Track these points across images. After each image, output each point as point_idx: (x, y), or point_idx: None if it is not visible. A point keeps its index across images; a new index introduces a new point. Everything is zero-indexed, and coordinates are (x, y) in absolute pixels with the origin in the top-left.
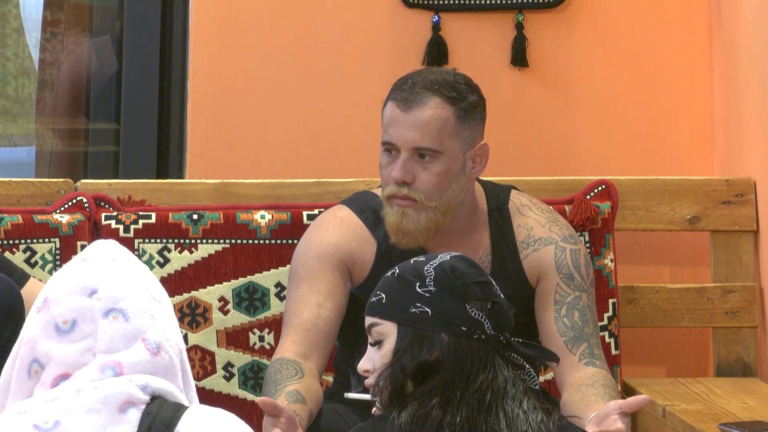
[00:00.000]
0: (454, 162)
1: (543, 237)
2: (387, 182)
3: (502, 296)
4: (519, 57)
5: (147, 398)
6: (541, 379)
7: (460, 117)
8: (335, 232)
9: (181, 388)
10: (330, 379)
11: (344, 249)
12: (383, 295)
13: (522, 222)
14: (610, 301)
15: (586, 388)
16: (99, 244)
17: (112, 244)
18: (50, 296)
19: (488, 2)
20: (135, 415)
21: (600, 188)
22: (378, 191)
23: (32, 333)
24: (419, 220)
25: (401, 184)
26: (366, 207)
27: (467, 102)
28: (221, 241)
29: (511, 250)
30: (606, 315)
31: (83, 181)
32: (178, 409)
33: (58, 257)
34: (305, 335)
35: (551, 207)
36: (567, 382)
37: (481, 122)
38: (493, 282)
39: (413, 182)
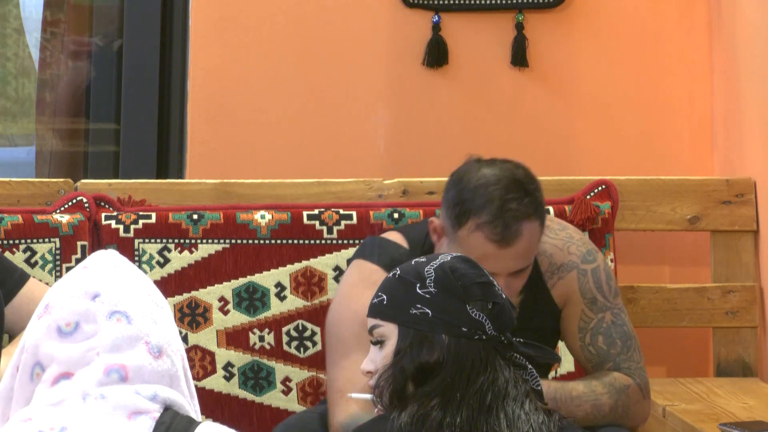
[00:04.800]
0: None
1: (565, 263)
2: None
3: (504, 296)
4: (519, 57)
5: (158, 407)
6: (551, 375)
7: (542, 222)
8: None
9: (185, 394)
10: None
11: None
12: (384, 297)
13: (540, 250)
14: None
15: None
16: (99, 253)
17: (112, 253)
18: (52, 302)
19: (488, 2)
20: (147, 423)
21: (600, 188)
22: (395, 237)
23: (34, 338)
24: None
25: None
26: (393, 262)
27: (542, 203)
28: (221, 241)
29: (537, 281)
30: None
31: (83, 181)
32: (191, 423)
33: (58, 257)
34: (366, 405)
35: (561, 220)
36: None
37: None
38: (495, 282)
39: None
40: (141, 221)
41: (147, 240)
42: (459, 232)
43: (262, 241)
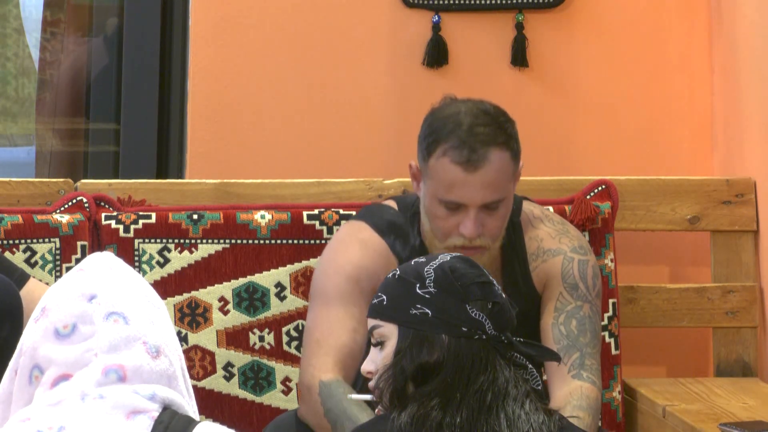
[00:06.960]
0: (510, 197)
1: (552, 248)
2: (448, 234)
3: (504, 296)
4: (519, 57)
5: (156, 406)
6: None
7: (514, 157)
8: (363, 254)
9: (183, 394)
10: None
11: (372, 273)
12: (384, 297)
13: (533, 234)
14: (610, 301)
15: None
16: (95, 255)
17: (108, 255)
18: (48, 305)
19: (488, 2)
20: (145, 422)
21: (600, 188)
22: (388, 202)
23: (32, 341)
24: (483, 260)
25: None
26: (387, 224)
27: (514, 138)
28: (221, 241)
29: (521, 264)
30: (606, 315)
31: (83, 181)
32: (190, 422)
33: (58, 257)
34: (344, 360)
35: (563, 218)
36: (553, 394)
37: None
38: (494, 282)
39: (482, 231)
40: (141, 221)
41: (147, 240)
42: (429, 162)
43: (262, 241)
